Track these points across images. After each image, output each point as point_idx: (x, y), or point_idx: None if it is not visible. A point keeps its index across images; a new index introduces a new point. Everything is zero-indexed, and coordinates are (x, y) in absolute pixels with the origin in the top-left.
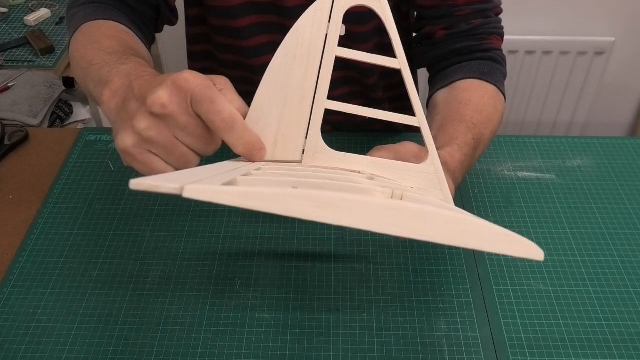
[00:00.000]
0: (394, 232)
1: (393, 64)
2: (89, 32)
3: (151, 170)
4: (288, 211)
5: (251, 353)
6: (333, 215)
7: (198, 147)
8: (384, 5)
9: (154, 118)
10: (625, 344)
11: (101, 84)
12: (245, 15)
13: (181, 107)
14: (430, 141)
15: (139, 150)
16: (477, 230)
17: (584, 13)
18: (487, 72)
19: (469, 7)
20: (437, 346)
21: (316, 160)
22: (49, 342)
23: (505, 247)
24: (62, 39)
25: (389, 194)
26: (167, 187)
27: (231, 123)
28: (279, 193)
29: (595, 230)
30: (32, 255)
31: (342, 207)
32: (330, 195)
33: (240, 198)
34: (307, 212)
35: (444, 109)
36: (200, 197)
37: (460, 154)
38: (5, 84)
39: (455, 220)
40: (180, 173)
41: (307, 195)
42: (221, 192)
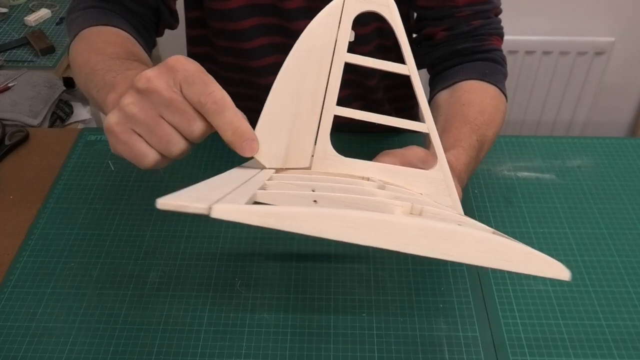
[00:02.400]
0: (423, 252)
1: (402, 70)
2: (91, 38)
3: (131, 152)
4: (318, 232)
5: (251, 353)
6: (363, 236)
7: (182, 125)
8: (393, 10)
9: (139, 94)
10: (625, 344)
11: (105, 88)
12: (245, 18)
13: (167, 83)
14: (439, 147)
15: (121, 129)
16: (505, 250)
17: (584, 13)
18: (488, 73)
19: (469, 8)
20: (437, 346)
21: (325, 167)
22: (49, 342)
23: (532, 268)
24: (62, 39)
25: (408, 208)
26: (195, 207)
27: (222, 106)
28: (308, 213)
29: (595, 230)
30: (32, 255)
31: (372, 228)
32: (360, 215)
33: (270, 218)
34: (337, 233)
35: (446, 110)
36: (229, 218)
37: (466, 156)
38: (6, 84)
39: (485, 241)
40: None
41: (336, 215)
42: (250, 212)
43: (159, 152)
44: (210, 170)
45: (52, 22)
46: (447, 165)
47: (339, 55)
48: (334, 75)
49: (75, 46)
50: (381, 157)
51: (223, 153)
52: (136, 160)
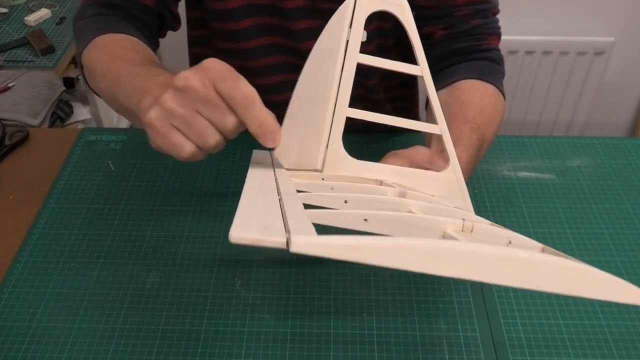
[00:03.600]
0: (504, 282)
1: (415, 71)
2: (107, 46)
3: (170, 144)
4: (401, 265)
5: (251, 353)
6: (445, 268)
7: (216, 118)
8: (406, 10)
9: (177, 92)
10: (625, 344)
11: (136, 93)
12: (244, 18)
13: (203, 81)
14: (451, 149)
15: (161, 123)
16: (586, 278)
17: (584, 13)
18: (487, 72)
19: (468, 8)
20: (437, 346)
21: (337, 170)
22: (49, 342)
23: (614, 295)
24: (62, 39)
25: (459, 225)
26: (272, 241)
27: (251, 101)
28: (390, 246)
29: (595, 230)
30: (32, 255)
31: (454, 259)
32: (443, 247)
33: (353, 252)
34: (420, 266)
35: (445, 109)
36: (309, 252)
37: (467, 155)
38: (6, 84)
39: (564, 269)
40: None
41: (419, 247)
42: (331, 246)
43: (195, 144)
44: (210, 170)
45: (52, 22)
46: (459, 167)
47: (352, 55)
48: (346, 76)
49: (90, 54)
50: (389, 158)
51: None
52: (174, 152)
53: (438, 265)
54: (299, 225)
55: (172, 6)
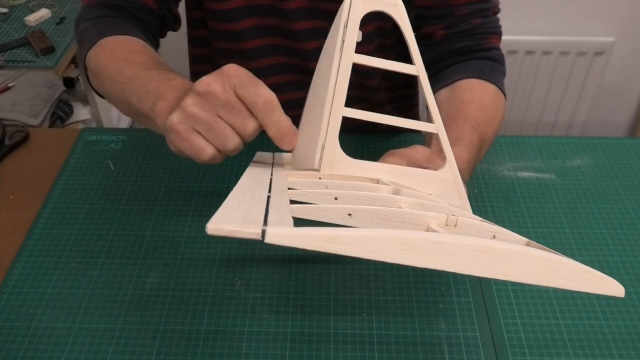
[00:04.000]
0: (479, 273)
1: (411, 70)
2: (114, 48)
3: (192, 147)
4: (375, 255)
5: (251, 353)
6: (420, 259)
7: (237, 122)
8: (401, 11)
9: (199, 96)
10: (625, 344)
11: (149, 96)
12: (243, 18)
13: (224, 87)
14: (448, 148)
15: (183, 127)
16: (561, 269)
17: (584, 13)
18: (488, 72)
19: (468, 7)
20: (437, 346)
21: (334, 169)
22: (49, 342)
23: (591, 286)
24: (62, 39)
25: (443, 219)
26: (247, 232)
27: (271, 106)
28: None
29: (595, 230)
30: (32, 255)
31: (429, 249)
32: (418, 237)
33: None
34: (394, 256)
35: (446, 108)
36: (283, 243)
37: (467, 154)
38: (6, 84)
39: (540, 260)
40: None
41: (393, 238)
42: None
43: (216, 147)
44: (209, 170)
45: (52, 22)
46: (456, 166)
47: (347, 55)
48: (342, 76)
49: (97, 56)
50: (387, 157)
51: None
52: (195, 155)
53: (413, 256)
54: (279, 218)
55: (173, 7)
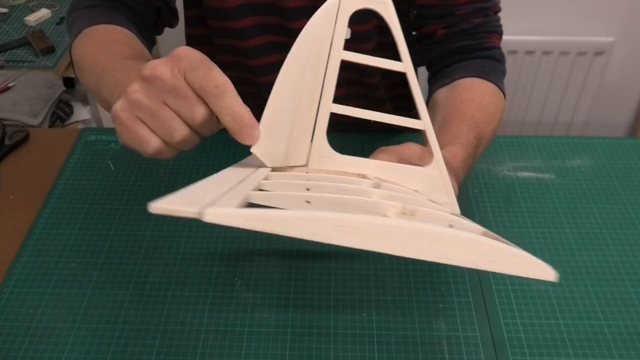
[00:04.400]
0: (415, 255)
1: (398, 67)
2: (97, 37)
3: (134, 138)
4: (309, 235)
5: (251, 353)
6: (355, 239)
7: (184, 110)
8: (390, 8)
9: (144, 82)
10: (625, 344)
11: (118, 87)
12: (243, 17)
13: (172, 71)
14: (435, 144)
15: (126, 115)
16: (494, 253)
17: (584, 13)
18: (488, 71)
19: (469, 6)
20: (437, 346)
21: (322, 164)
22: (49, 342)
23: (520, 270)
24: (62, 39)
25: (400, 208)
26: (187, 211)
27: (222, 90)
28: (299, 217)
29: (595, 230)
30: (32, 255)
31: (363, 231)
32: (350, 218)
33: (261, 222)
34: (328, 237)
35: (445, 107)
36: (220, 222)
37: (463, 152)
38: (6, 84)
39: (474, 244)
40: (192, 188)
41: (327, 218)
42: (241, 216)
43: (161, 138)
44: (210, 170)
45: (52, 22)
46: (443, 163)
47: (336, 52)
48: (330, 73)
49: (80, 45)
50: (378, 154)
51: (223, 153)
52: (139, 147)
53: (348, 237)
54: (226, 202)
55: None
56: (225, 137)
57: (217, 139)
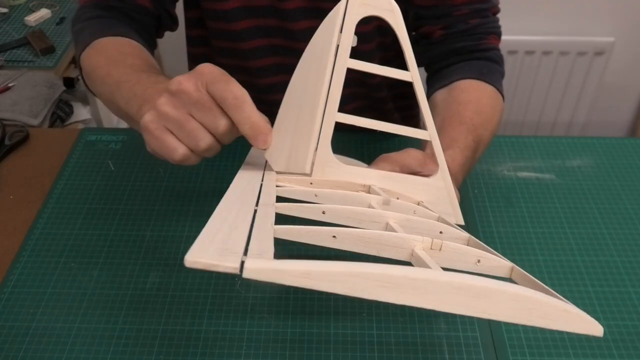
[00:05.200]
0: (457, 310)
1: (405, 77)
2: (106, 50)
3: (163, 146)
4: (354, 292)
5: (251, 353)
6: (396, 296)
7: (208, 121)
8: (397, 15)
9: (171, 95)
10: (625, 344)
11: (136, 99)
12: (241, 19)
13: (196, 85)
14: (441, 156)
15: (155, 126)
16: (540, 308)
17: (584, 13)
18: (486, 72)
19: (467, 7)
20: (437, 346)
21: (326, 174)
22: (49, 342)
23: (569, 325)
24: (62, 39)
25: (428, 244)
26: (226, 266)
27: (241, 101)
28: (344, 273)
29: (595, 230)
30: (32, 255)
31: (409, 287)
32: (397, 274)
33: (305, 279)
34: (373, 294)
35: (443, 110)
36: (261, 278)
37: (462, 156)
38: (6, 84)
39: (520, 298)
40: (216, 222)
41: (372, 275)
42: (284, 272)
43: (187, 146)
44: (210, 170)
45: (52, 22)
46: (449, 174)
47: (341, 60)
48: (336, 81)
49: (89, 58)
50: (380, 163)
51: (223, 153)
52: (167, 155)
53: (390, 293)
54: (259, 247)
55: (170, 7)
56: None
57: None
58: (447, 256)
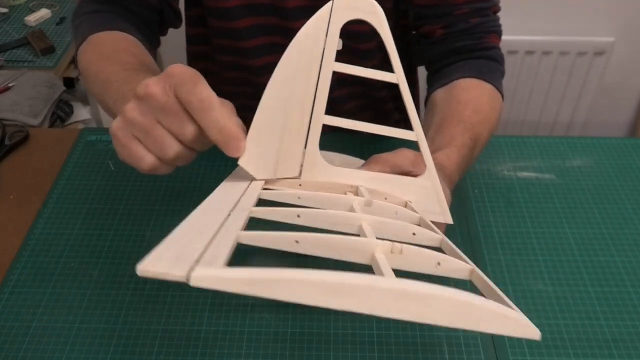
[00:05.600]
0: (396, 316)
1: (390, 79)
2: (100, 46)
3: (130, 155)
4: (296, 299)
5: (251, 353)
6: (337, 302)
7: (174, 127)
8: (381, 18)
9: (138, 100)
10: (625, 343)
11: (122, 101)
12: (243, 17)
13: (164, 89)
14: (427, 156)
15: (122, 133)
16: (477, 312)
17: (584, 13)
18: (486, 71)
19: (467, 6)
20: (437, 346)
21: (314, 175)
22: (49, 342)
23: (505, 329)
24: (62, 39)
25: (388, 248)
26: (174, 275)
27: (208, 105)
28: (284, 280)
29: (595, 230)
30: (32, 255)
31: (345, 293)
32: (336, 282)
33: (246, 286)
34: (313, 300)
35: (442, 108)
36: (206, 286)
37: (458, 155)
38: (6, 84)
39: (456, 303)
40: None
41: (312, 282)
42: (228, 280)
43: (155, 155)
44: (210, 170)
45: (52, 22)
46: (436, 174)
47: (327, 64)
48: (322, 84)
49: (84, 53)
50: (371, 164)
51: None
52: (135, 164)
53: (331, 300)
54: (213, 255)
55: (173, 1)
56: None
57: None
58: (407, 259)
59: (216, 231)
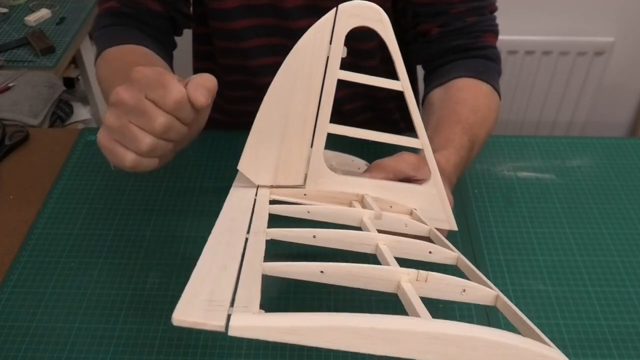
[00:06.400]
0: (432, 359)
1: (396, 86)
2: (113, 60)
3: (114, 156)
4: (332, 345)
5: (251, 353)
6: (375, 347)
7: (144, 123)
8: (387, 25)
9: (113, 107)
10: (625, 344)
11: None
12: (242, 18)
13: (132, 93)
14: (433, 164)
15: (106, 140)
16: (515, 353)
17: (584, 13)
18: (482, 71)
19: (464, 5)
20: None
21: (319, 185)
22: (49, 342)
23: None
24: (62, 39)
25: (414, 276)
26: (212, 325)
27: (182, 105)
28: (322, 327)
29: (595, 230)
30: (32, 255)
31: (383, 338)
32: (373, 326)
33: (289, 335)
34: (349, 345)
35: (439, 108)
36: (246, 336)
37: (456, 156)
38: (6, 84)
39: (494, 345)
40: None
41: (349, 328)
42: (268, 330)
43: (133, 151)
44: (210, 170)
45: (52, 22)
46: (441, 181)
47: (332, 72)
48: (327, 93)
49: (99, 69)
50: (374, 171)
51: (224, 152)
52: (120, 164)
53: (368, 344)
54: (246, 297)
55: (182, 7)
56: (225, 137)
57: (216, 139)
58: (433, 287)
59: (240, 264)
